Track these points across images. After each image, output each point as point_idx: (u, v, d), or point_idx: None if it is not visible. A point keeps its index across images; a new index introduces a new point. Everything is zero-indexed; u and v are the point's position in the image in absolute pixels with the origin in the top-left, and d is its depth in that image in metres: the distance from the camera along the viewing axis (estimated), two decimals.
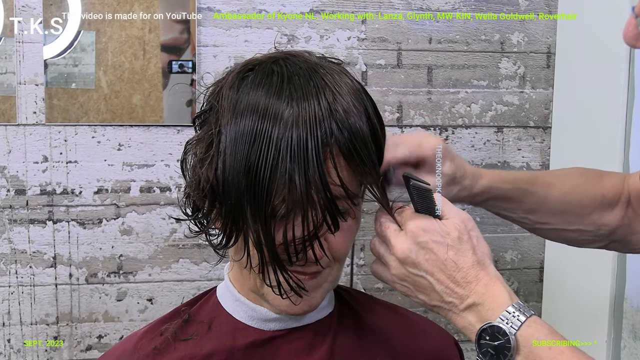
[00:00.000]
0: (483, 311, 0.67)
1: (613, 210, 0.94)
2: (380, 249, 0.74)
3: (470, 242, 0.70)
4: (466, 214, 0.73)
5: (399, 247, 0.71)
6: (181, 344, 0.82)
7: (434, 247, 0.70)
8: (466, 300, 0.68)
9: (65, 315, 1.52)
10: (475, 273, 0.69)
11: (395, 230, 0.73)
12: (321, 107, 0.70)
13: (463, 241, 0.70)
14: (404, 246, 0.71)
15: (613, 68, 1.39)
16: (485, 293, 0.68)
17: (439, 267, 0.69)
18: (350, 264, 0.96)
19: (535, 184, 0.92)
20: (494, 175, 0.90)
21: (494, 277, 0.69)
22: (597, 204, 0.94)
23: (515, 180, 0.91)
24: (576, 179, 0.96)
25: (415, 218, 0.72)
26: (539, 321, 0.67)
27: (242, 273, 0.80)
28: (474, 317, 0.68)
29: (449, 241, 0.70)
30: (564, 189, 0.93)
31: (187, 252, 1.56)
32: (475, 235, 0.71)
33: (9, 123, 1.46)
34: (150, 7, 1.47)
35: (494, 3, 1.62)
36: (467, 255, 0.69)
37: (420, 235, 0.70)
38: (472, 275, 0.69)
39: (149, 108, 1.50)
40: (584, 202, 0.93)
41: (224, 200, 0.73)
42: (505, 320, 0.66)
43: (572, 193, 0.93)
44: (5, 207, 1.48)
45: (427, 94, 1.62)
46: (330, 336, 0.84)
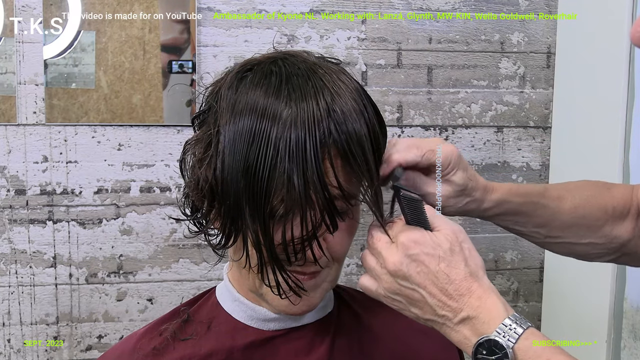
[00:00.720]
0: (478, 324, 0.66)
1: (624, 222, 0.92)
2: (371, 262, 0.72)
3: (462, 254, 0.69)
4: (458, 226, 0.72)
5: (390, 259, 0.70)
6: (180, 344, 0.82)
7: (425, 259, 0.68)
8: (460, 313, 0.67)
9: (65, 315, 1.52)
10: (468, 285, 0.68)
11: (386, 243, 0.71)
12: (320, 107, 0.70)
13: (455, 253, 0.69)
14: (395, 259, 0.69)
15: (613, 68, 1.39)
16: (480, 306, 0.66)
17: (430, 279, 0.68)
18: (349, 264, 0.96)
19: (546, 197, 0.90)
20: (505, 190, 0.87)
21: (487, 288, 0.68)
22: (609, 216, 0.92)
23: (526, 193, 0.89)
24: (586, 191, 0.94)
25: (407, 230, 0.71)
26: (536, 333, 0.66)
27: (241, 273, 0.80)
28: (469, 331, 0.67)
29: (440, 253, 0.69)
30: (575, 201, 0.91)
31: (187, 252, 1.56)
32: (467, 247, 0.70)
33: (9, 123, 1.46)
34: (150, 7, 1.47)
35: (494, 3, 1.62)
36: (459, 267, 0.68)
37: (412, 247, 0.69)
38: (465, 287, 0.67)
39: (149, 108, 1.50)
40: (595, 215, 0.91)
41: (223, 200, 0.73)
42: (502, 333, 0.64)
43: (583, 206, 0.91)
44: (5, 207, 1.48)
45: (427, 94, 1.62)
46: (329, 336, 0.84)
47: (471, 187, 0.83)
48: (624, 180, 1.37)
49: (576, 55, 1.58)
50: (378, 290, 0.72)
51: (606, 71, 1.42)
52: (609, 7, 1.41)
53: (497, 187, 0.87)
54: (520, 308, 1.71)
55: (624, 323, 1.37)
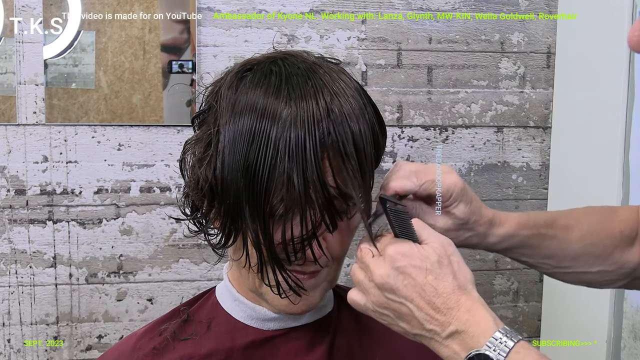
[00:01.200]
0: (467, 339, 0.64)
1: (633, 247, 0.89)
2: (360, 276, 0.71)
3: (450, 267, 0.68)
4: (446, 238, 0.70)
5: (377, 272, 0.68)
6: (180, 344, 0.82)
7: (412, 271, 0.67)
8: (448, 327, 0.65)
9: (65, 315, 1.52)
10: (457, 298, 0.66)
11: (374, 256, 0.70)
12: (319, 107, 0.70)
13: (443, 265, 0.67)
14: (382, 271, 0.68)
15: (613, 68, 1.39)
16: (469, 319, 0.65)
17: (418, 292, 0.66)
18: (349, 264, 0.96)
19: (554, 226, 0.87)
20: (513, 223, 0.83)
21: (476, 301, 0.66)
22: (617, 241, 0.89)
23: (535, 225, 0.86)
24: (592, 218, 0.91)
25: (394, 243, 0.69)
26: (527, 346, 0.64)
27: (241, 273, 0.80)
28: (458, 346, 0.65)
29: (427, 265, 0.67)
30: (582, 230, 0.88)
31: (187, 252, 1.56)
32: (456, 260, 0.69)
33: (9, 123, 1.46)
34: (150, 7, 1.47)
35: (494, 3, 1.62)
36: (447, 280, 0.67)
37: (399, 260, 0.68)
38: (453, 300, 0.66)
39: (149, 108, 1.50)
40: (604, 242, 0.89)
41: (223, 199, 0.73)
42: (492, 347, 0.63)
43: (591, 233, 0.89)
44: (5, 207, 1.48)
45: (427, 94, 1.62)
46: (329, 336, 0.84)
47: (474, 221, 0.80)
48: (624, 180, 1.37)
49: (576, 55, 1.58)
50: (367, 304, 0.71)
51: (606, 71, 1.42)
52: (609, 7, 1.41)
53: (504, 220, 0.83)
54: (520, 308, 1.71)
55: (624, 323, 1.37)
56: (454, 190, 0.77)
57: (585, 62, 1.53)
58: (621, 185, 1.37)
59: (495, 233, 0.82)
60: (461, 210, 0.78)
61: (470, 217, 0.79)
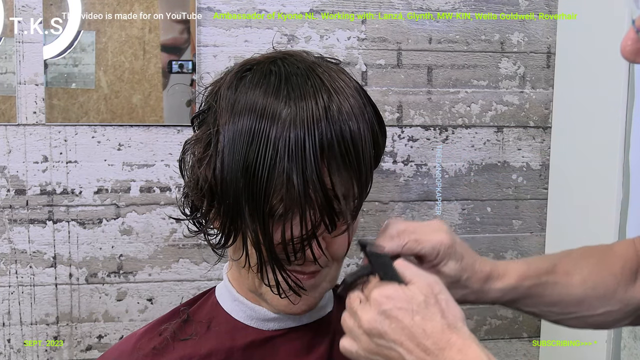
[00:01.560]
0: None
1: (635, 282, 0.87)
2: (349, 323, 0.70)
3: (437, 306, 0.66)
4: (433, 277, 0.69)
5: (364, 318, 0.67)
6: (180, 344, 0.82)
7: (398, 314, 0.65)
8: None
9: (65, 315, 1.52)
10: (447, 338, 0.64)
11: (361, 302, 0.69)
12: (318, 106, 0.70)
13: (430, 305, 0.65)
14: (368, 316, 0.66)
15: (613, 68, 1.39)
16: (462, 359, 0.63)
17: (406, 335, 0.64)
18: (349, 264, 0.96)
19: (555, 273, 0.85)
20: (514, 275, 0.81)
21: (467, 339, 0.64)
22: (619, 279, 0.87)
23: (536, 274, 0.84)
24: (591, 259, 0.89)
25: (379, 286, 0.68)
26: None
27: (241, 273, 0.80)
28: None
29: (414, 307, 0.65)
30: (583, 273, 0.86)
31: (187, 252, 1.56)
32: (443, 299, 0.67)
33: (9, 123, 1.46)
34: (150, 7, 1.47)
35: (494, 3, 1.62)
36: (435, 319, 0.65)
37: (384, 303, 0.66)
38: (444, 340, 0.64)
39: (149, 108, 1.50)
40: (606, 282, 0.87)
41: (222, 199, 0.73)
42: None
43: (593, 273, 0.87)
44: (5, 207, 1.48)
45: (427, 94, 1.62)
46: (329, 336, 0.84)
47: (466, 279, 0.77)
48: (624, 180, 1.37)
49: (576, 55, 1.58)
50: (358, 351, 0.69)
51: (606, 71, 1.42)
52: (609, 7, 1.41)
53: (503, 273, 0.81)
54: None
55: None
56: (440, 248, 0.75)
57: (585, 62, 1.53)
58: (621, 185, 1.37)
59: (495, 287, 0.80)
60: (450, 268, 0.76)
61: (462, 275, 0.77)
